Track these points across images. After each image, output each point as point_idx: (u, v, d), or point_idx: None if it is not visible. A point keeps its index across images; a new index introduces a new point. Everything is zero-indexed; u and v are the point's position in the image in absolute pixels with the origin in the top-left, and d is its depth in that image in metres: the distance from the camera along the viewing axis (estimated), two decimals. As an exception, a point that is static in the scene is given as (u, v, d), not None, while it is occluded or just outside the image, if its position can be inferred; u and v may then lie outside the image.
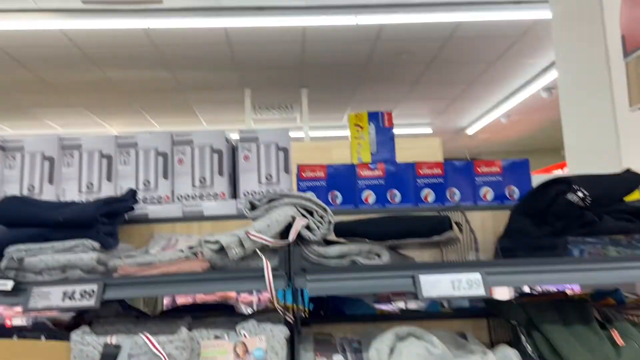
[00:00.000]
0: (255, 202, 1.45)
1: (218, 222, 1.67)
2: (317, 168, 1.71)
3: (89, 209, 1.35)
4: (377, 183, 1.70)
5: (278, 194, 1.44)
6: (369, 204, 1.69)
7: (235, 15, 4.00)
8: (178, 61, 5.04)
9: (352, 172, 1.71)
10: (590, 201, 1.34)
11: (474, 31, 4.49)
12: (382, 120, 1.80)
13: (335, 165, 1.72)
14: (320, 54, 4.99)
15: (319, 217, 1.41)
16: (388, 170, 1.71)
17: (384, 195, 1.70)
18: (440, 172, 1.70)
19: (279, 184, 1.74)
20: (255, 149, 1.75)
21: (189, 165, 1.73)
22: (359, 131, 1.80)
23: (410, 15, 4.03)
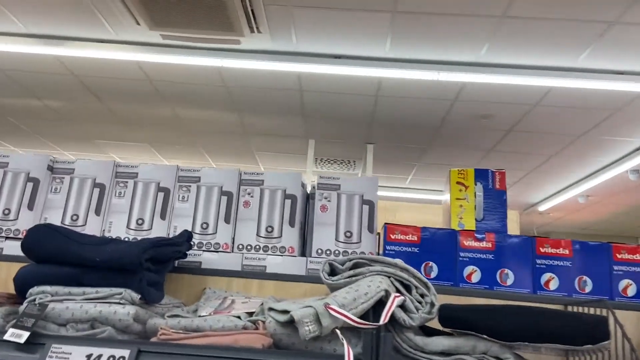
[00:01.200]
0: (336, 264, 1.14)
1: (283, 282, 1.37)
2: (410, 230, 1.39)
3: (134, 250, 1.08)
4: (485, 257, 1.35)
5: (368, 258, 1.12)
6: (473, 282, 1.34)
7: (310, 62, 3.87)
8: (246, 104, 4.96)
9: (453, 240, 1.37)
10: None
11: (564, 100, 4.14)
12: (492, 180, 1.47)
13: (433, 229, 1.39)
14: (393, 110, 4.76)
15: (418, 295, 1.08)
16: (499, 243, 1.36)
17: (492, 275, 1.35)
18: (567, 254, 1.33)
19: (359, 245, 1.43)
20: (336, 199, 1.46)
21: (255, 209, 1.46)
22: (461, 191, 1.48)
23: (498, 77, 3.76)
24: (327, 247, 1.42)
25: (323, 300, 1.00)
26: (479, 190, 1.46)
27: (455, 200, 1.48)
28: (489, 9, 3.12)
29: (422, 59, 3.81)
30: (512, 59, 3.70)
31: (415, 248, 1.37)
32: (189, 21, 3.54)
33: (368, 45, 3.73)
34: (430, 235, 1.38)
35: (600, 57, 3.54)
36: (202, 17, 3.48)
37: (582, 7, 3.00)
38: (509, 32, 3.35)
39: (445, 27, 3.39)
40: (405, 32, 3.51)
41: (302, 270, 1.40)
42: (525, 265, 1.34)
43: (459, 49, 3.65)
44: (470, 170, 1.49)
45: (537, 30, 3.31)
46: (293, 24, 3.52)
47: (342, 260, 1.14)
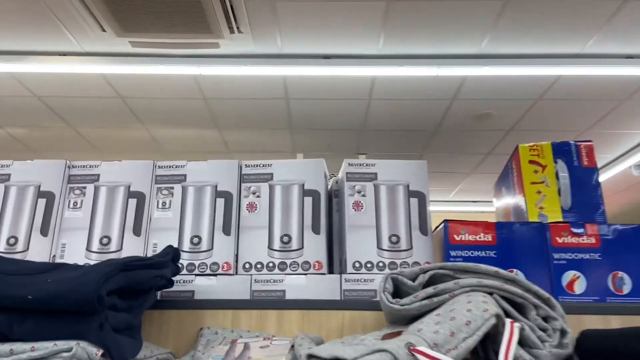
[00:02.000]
0: (403, 279, 0.75)
1: (310, 312, 0.97)
2: (481, 227, 1.01)
3: (89, 279, 0.68)
4: (589, 258, 0.98)
5: (451, 267, 0.74)
6: (576, 294, 0.97)
7: (297, 64, 3.52)
8: (228, 119, 4.58)
9: (542, 238, 1.00)
10: None
11: (570, 91, 3.87)
12: (578, 156, 1.11)
13: (513, 224, 1.02)
14: (386, 114, 4.43)
15: (539, 319, 0.70)
16: (605, 237, 1.00)
17: (600, 280, 0.97)
18: (702, 244, 0.97)
19: (411, 252, 1.04)
20: (372, 193, 1.07)
21: (264, 213, 1.06)
22: (537, 172, 1.11)
23: (501, 69, 3.47)
24: (367, 259, 1.03)
25: (401, 339, 0.61)
26: (562, 169, 1.10)
27: (530, 185, 1.11)
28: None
29: (420, 53, 3.49)
30: (516, 49, 3.41)
31: (490, 252, 1.00)
32: (161, 24, 3.16)
33: (360, 42, 3.40)
34: (510, 233, 1.00)
35: (609, 41, 3.27)
36: (175, 19, 3.11)
37: (597, -18, 2.72)
38: (512, 18, 3.06)
39: (444, 15, 3.08)
40: (400, 24, 3.19)
41: (335, 293, 1.01)
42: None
43: (459, 41, 3.34)
44: (546, 145, 1.13)
45: (542, 15, 3.02)
46: (277, 21, 3.17)
47: (412, 273, 0.76)
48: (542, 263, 0.98)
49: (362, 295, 1.00)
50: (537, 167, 1.12)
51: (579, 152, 1.11)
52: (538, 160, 1.12)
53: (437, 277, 0.75)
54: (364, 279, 1.01)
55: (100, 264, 0.73)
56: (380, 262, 1.03)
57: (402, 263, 1.02)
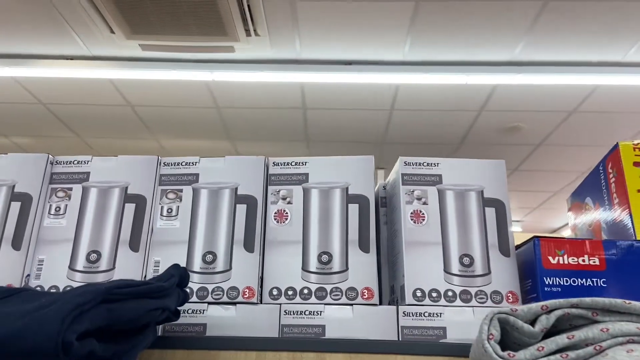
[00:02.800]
0: (517, 321, 0.51)
1: (359, 356, 0.73)
2: (587, 248, 0.77)
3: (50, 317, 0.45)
4: None
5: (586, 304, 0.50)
6: None
7: (316, 70, 3.32)
8: (241, 129, 4.38)
9: (667, 262, 0.75)
10: None
11: (607, 103, 3.62)
12: (700, 157, 0.87)
13: (625, 243, 0.77)
14: (408, 126, 4.21)
15: None
16: None
17: None
18: None
19: (489, 278, 0.80)
20: (436, 200, 0.84)
21: (298, 224, 0.83)
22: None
23: (535, 76, 3.23)
24: (431, 286, 0.79)
25: None
26: (680, 173, 0.86)
27: (637, 194, 0.86)
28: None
29: (448, 60, 3.27)
30: (551, 55, 3.18)
31: (599, 280, 0.75)
32: (173, 26, 2.97)
33: (384, 47, 3.19)
34: (623, 255, 0.76)
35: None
36: (188, 20, 2.92)
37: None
38: (550, 21, 2.83)
39: (476, 18, 2.86)
40: (429, 28, 2.98)
41: (390, 332, 0.77)
42: None
43: (491, 46, 3.12)
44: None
45: (582, 18, 2.80)
46: (296, 23, 2.97)
47: (529, 312, 0.51)
48: (670, 296, 0.74)
49: (427, 334, 0.76)
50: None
51: (699, 152, 0.87)
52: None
53: (565, 319, 0.51)
54: (427, 312, 0.77)
55: (72, 291, 0.49)
56: (449, 290, 0.78)
57: (478, 292, 0.78)
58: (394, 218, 0.87)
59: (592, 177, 1.01)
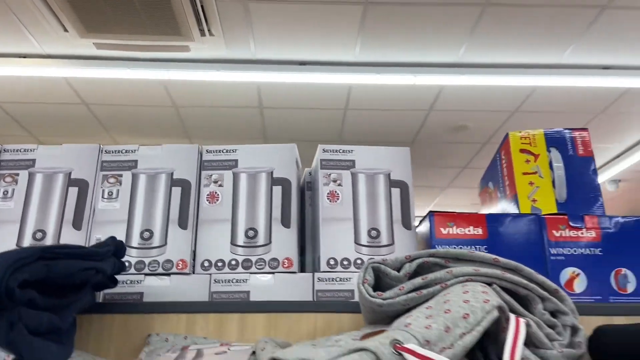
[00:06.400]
0: (387, 268, 0.64)
1: (278, 315, 0.84)
2: (471, 220, 0.90)
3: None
4: (590, 254, 0.88)
5: (441, 253, 0.63)
6: (576, 293, 0.86)
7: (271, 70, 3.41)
8: (200, 129, 4.44)
9: (538, 231, 0.90)
10: None
11: (546, 103, 3.86)
12: (573, 145, 1.02)
13: (505, 216, 0.91)
14: (363, 125, 4.35)
15: (547, 313, 0.59)
16: (606, 230, 0.90)
17: (602, 278, 0.87)
18: None
19: (392, 248, 0.93)
20: (350, 182, 0.96)
21: (227, 204, 0.94)
22: (529, 162, 1.01)
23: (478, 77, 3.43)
24: (343, 256, 0.91)
25: (385, 336, 0.50)
26: (556, 159, 1.01)
27: (522, 176, 1.01)
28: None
29: (397, 61, 3.43)
30: (493, 58, 3.38)
31: (481, 246, 0.89)
32: (128, 25, 3.02)
33: (336, 48, 3.32)
34: (503, 226, 0.90)
35: (586, 51, 3.27)
36: (143, 20, 2.97)
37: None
38: (491, 23, 3.02)
39: (421, 22, 3.03)
40: (377, 30, 3.13)
41: (307, 295, 0.88)
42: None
43: (436, 49, 3.30)
44: (538, 133, 1.04)
45: (521, 21, 3.00)
46: (250, 25, 3.07)
47: (397, 261, 0.64)
48: (538, 259, 0.88)
49: (338, 296, 0.88)
50: (529, 157, 1.02)
51: (573, 141, 1.02)
52: (530, 149, 1.02)
53: (425, 266, 0.63)
54: (339, 277, 0.89)
55: (14, 250, 0.59)
56: (359, 258, 0.91)
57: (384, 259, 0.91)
58: (314, 198, 0.99)
59: (492, 164, 1.16)
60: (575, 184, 0.99)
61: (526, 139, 1.03)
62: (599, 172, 5.18)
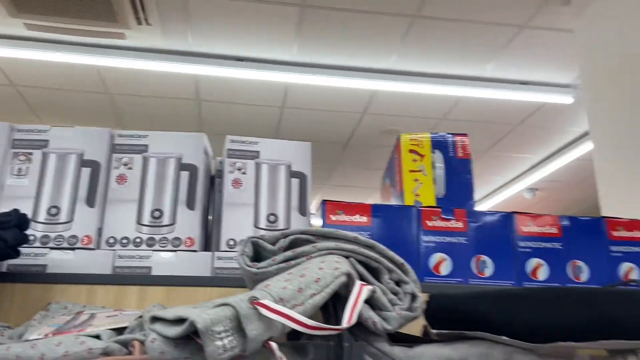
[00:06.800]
0: (264, 243, 0.73)
1: (177, 289, 0.92)
2: (358, 208, 1.01)
3: None
4: (456, 242, 1.02)
5: (313, 232, 0.73)
6: (442, 275, 0.99)
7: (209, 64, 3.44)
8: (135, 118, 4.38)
9: (414, 221, 1.02)
10: None
11: (470, 113, 4.11)
12: (454, 148, 1.16)
13: (387, 207, 1.03)
14: (300, 123, 4.45)
15: (392, 283, 0.70)
16: (472, 222, 1.04)
17: (465, 263, 1.01)
18: (557, 232, 1.04)
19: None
20: (254, 171, 1.05)
21: (136, 186, 1.00)
22: (416, 161, 1.14)
23: (408, 85, 3.61)
24: (242, 237, 1.00)
25: (247, 294, 0.59)
26: (438, 159, 1.14)
27: (409, 173, 1.13)
28: (402, 6, 2.95)
29: (333, 64, 3.56)
30: (421, 67, 3.58)
31: (365, 232, 1.00)
32: (61, 7, 2.97)
33: (274, 47, 3.41)
34: (385, 215, 1.02)
35: (506, 67, 3.53)
36: (77, 2, 2.93)
37: (494, 7, 2.93)
38: (420, 35, 3.21)
39: (356, 28, 3.17)
40: (314, 33, 3.24)
41: (206, 271, 0.96)
42: (505, 248, 1.02)
43: (369, 54, 3.45)
44: (425, 136, 1.17)
45: (448, 34, 3.20)
46: (188, 17, 3.09)
47: (273, 237, 0.73)
48: (412, 245, 1.00)
49: (235, 273, 0.96)
50: (416, 157, 1.15)
51: (454, 145, 1.16)
52: (417, 150, 1.15)
53: (298, 242, 0.73)
54: (234, 256, 0.97)
55: None
56: (256, 240, 0.99)
57: (278, 242, 1.00)
58: (221, 185, 1.07)
59: (390, 163, 1.28)
60: (453, 182, 1.13)
61: (415, 140, 1.16)
62: (517, 180, 5.56)
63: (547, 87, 3.61)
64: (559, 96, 3.55)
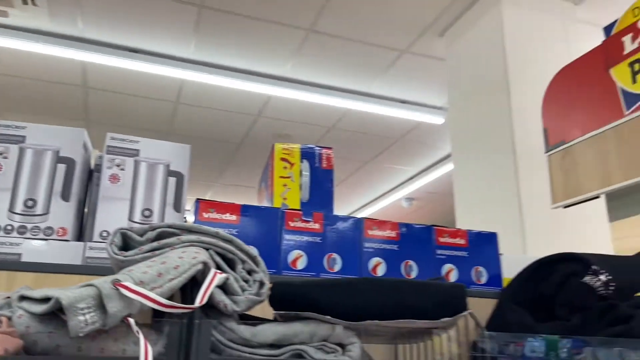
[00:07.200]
0: (132, 234, 0.82)
1: (47, 275, 0.97)
2: (229, 208, 1.13)
3: None
4: (312, 241, 1.17)
5: (178, 226, 0.83)
6: (298, 269, 1.14)
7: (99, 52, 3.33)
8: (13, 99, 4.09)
9: (277, 221, 1.16)
10: (613, 289, 0.98)
11: (357, 125, 4.39)
12: (320, 159, 1.32)
13: (256, 207, 1.16)
14: (194, 121, 4.44)
15: (244, 272, 0.83)
16: (327, 225, 1.20)
17: (319, 260, 1.17)
18: (395, 236, 1.24)
19: (161, 227, 1.11)
20: (132, 168, 1.12)
21: (10, 175, 1.03)
22: (286, 168, 1.29)
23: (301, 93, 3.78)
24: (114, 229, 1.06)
25: (110, 277, 0.68)
26: (305, 168, 1.29)
27: (279, 179, 1.27)
28: (298, 19, 3.12)
29: (230, 65, 3.63)
30: (315, 78, 3.78)
31: (233, 230, 1.12)
32: None
33: (171, 42, 3.40)
34: (252, 215, 1.14)
35: (389, 85, 3.84)
36: (-47, -28, 2.72)
37: (380, 32, 3.20)
38: (314, 47, 3.40)
39: (254, 33, 3.28)
40: (212, 33, 3.29)
41: (77, 260, 1.02)
42: (352, 248, 1.20)
43: (266, 60, 3.58)
44: (296, 147, 1.32)
45: (339, 50, 3.43)
46: (79, 1, 3.00)
47: (141, 229, 0.83)
48: (275, 242, 1.14)
49: (105, 263, 1.03)
50: (286, 164, 1.29)
51: (320, 156, 1.32)
52: (288, 159, 1.30)
53: (165, 235, 0.83)
54: (109, 247, 1.04)
55: None
56: (129, 233, 1.07)
57: (151, 236, 1.08)
58: (99, 179, 1.13)
59: (265, 168, 1.41)
60: (317, 189, 1.29)
61: (287, 150, 1.31)
62: (397, 190, 6.00)
63: (423, 107, 3.99)
64: (432, 117, 3.95)
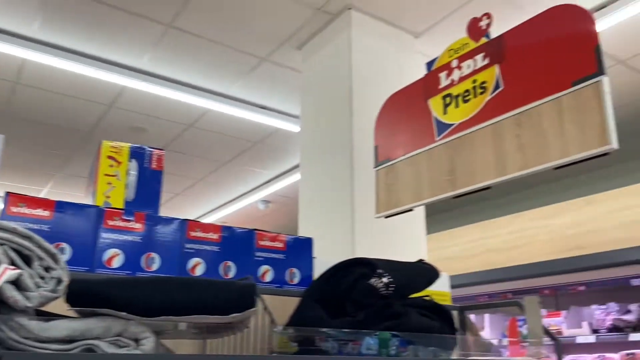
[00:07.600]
0: None
1: None
2: (41, 203, 1.11)
3: None
4: (132, 240, 1.20)
5: None
6: (113, 267, 1.16)
7: None
8: None
9: (96, 219, 1.17)
10: (393, 289, 1.17)
11: (217, 125, 4.39)
12: (150, 160, 1.34)
13: (71, 203, 1.15)
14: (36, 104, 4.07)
15: (41, 269, 0.84)
16: (149, 225, 1.23)
17: (136, 258, 1.20)
18: (217, 239, 1.31)
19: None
20: None
21: None
22: (113, 167, 1.29)
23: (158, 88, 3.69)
24: None
25: None
26: (133, 168, 1.31)
27: (104, 177, 1.28)
28: (159, 13, 3.06)
29: (80, 50, 3.42)
30: (173, 73, 3.71)
31: (45, 226, 1.10)
32: None
33: (12, 17, 3.11)
34: (69, 212, 1.14)
35: (250, 89, 3.92)
36: None
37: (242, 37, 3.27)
38: (173, 43, 3.36)
39: (109, 19, 3.13)
40: (60, 13, 3.08)
41: None
42: (174, 249, 1.25)
43: (122, 50, 3.43)
44: (125, 146, 1.33)
45: (199, 49, 3.42)
46: None
47: None
48: (91, 240, 1.15)
49: None
50: (113, 162, 1.30)
51: (151, 157, 1.35)
52: (116, 157, 1.30)
53: (-46, 229, 0.81)
54: None
55: None
56: None
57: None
58: None
59: (93, 163, 1.40)
60: (144, 189, 1.32)
61: (115, 148, 1.31)
62: (254, 192, 6.11)
63: (282, 114, 4.14)
64: (289, 124, 4.12)
